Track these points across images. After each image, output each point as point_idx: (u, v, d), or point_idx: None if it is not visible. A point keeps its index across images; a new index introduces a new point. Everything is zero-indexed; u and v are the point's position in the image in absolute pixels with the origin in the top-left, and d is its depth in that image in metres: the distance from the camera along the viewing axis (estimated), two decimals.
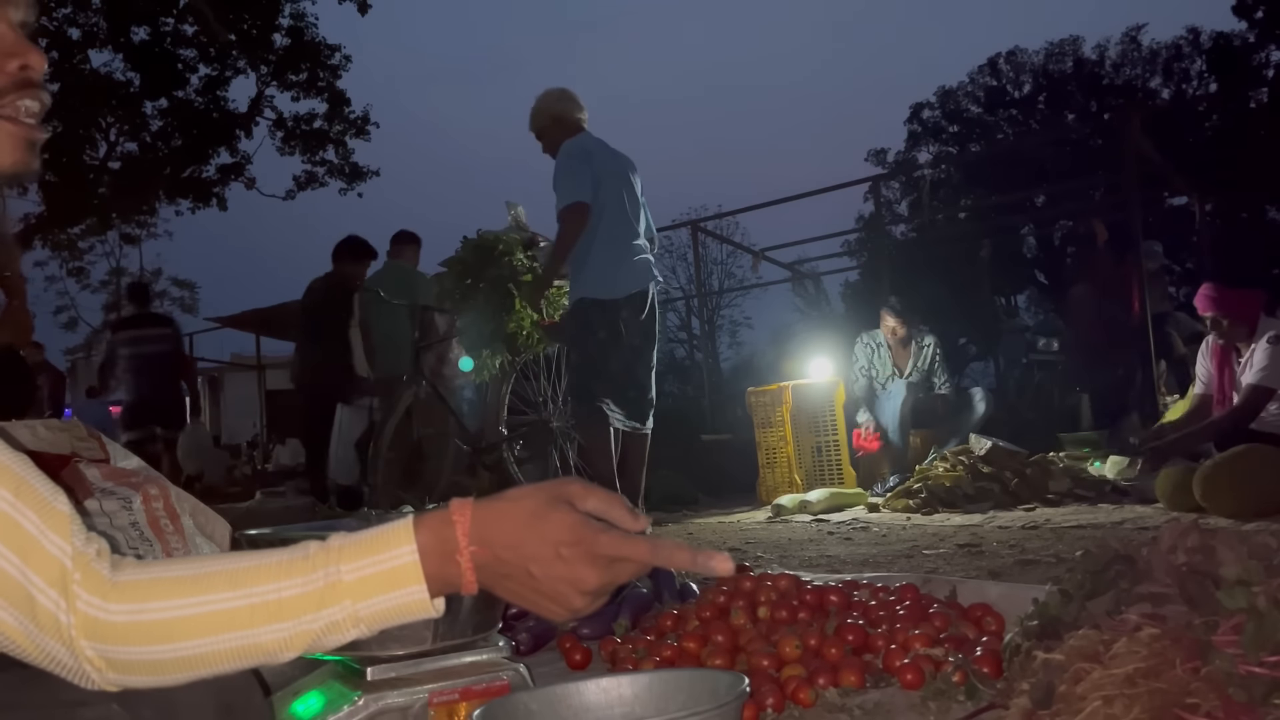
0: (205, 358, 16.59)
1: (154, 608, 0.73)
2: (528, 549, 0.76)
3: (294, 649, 0.76)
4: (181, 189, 14.76)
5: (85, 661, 0.73)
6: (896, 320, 5.94)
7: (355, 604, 0.76)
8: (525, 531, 0.76)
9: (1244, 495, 3.40)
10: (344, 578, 0.75)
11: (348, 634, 0.77)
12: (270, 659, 0.76)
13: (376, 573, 0.76)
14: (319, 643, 0.77)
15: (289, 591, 0.75)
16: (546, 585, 0.77)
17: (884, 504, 4.94)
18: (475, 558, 0.77)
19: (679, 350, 29.13)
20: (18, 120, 0.87)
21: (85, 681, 0.75)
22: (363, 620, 0.77)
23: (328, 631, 0.76)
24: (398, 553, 0.77)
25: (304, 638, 0.76)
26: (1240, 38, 20.84)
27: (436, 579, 0.77)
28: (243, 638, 0.74)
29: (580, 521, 0.77)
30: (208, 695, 0.84)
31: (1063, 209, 16.31)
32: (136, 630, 0.73)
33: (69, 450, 1.66)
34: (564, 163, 4.19)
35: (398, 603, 0.77)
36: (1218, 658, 1.02)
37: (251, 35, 14.06)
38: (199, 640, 0.74)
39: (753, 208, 16.22)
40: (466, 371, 5.19)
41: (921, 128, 25.21)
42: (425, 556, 0.77)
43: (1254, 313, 4.04)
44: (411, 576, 0.76)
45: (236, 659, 0.75)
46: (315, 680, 1.47)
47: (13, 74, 0.87)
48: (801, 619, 1.89)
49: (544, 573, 0.76)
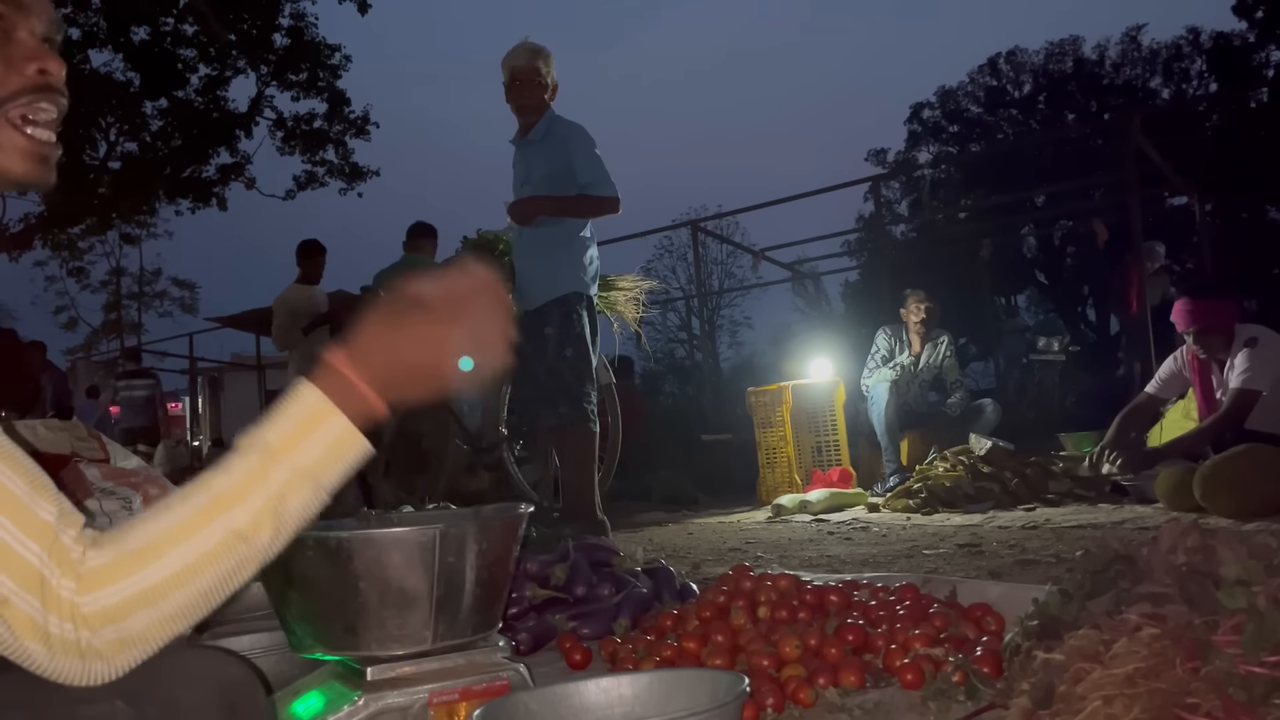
0: (205, 358, 16.60)
1: (134, 536, 0.77)
2: (397, 351, 0.86)
3: (265, 527, 0.79)
4: (181, 189, 14.76)
5: (82, 625, 0.74)
6: (923, 303, 5.86)
7: (293, 459, 0.81)
8: (389, 339, 0.86)
9: (1244, 495, 3.40)
10: (272, 442, 0.81)
11: (304, 492, 0.81)
12: (251, 548, 0.79)
13: (297, 425, 0.82)
14: (285, 513, 0.80)
15: (238, 473, 0.80)
16: (430, 366, 0.88)
17: (884, 504, 4.94)
18: (366, 380, 0.85)
19: (679, 350, 29.18)
20: (30, 133, 0.88)
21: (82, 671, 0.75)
22: (309, 472, 0.81)
23: (286, 495, 0.80)
24: (307, 401, 0.83)
25: (267, 510, 0.79)
26: (1240, 38, 20.83)
27: (351, 407, 0.84)
28: (216, 530, 0.78)
29: (425, 314, 0.87)
30: (210, 693, 0.84)
31: (1063, 209, 16.32)
32: (121, 564, 0.75)
33: (69, 450, 1.67)
34: (594, 151, 3.96)
35: (329, 440, 0.83)
36: (1218, 658, 1.02)
37: (251, 35, 14.06)
38: (179, 548, 0.76)
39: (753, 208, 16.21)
40: (466, 371, 5.19)
41: (921, 128, 25.20)
42: (332, 392, 0.84)
43: (1227, 323, 4.04)
44: (327, 412, 0.83)
45: (218, 559, 0.78)
46: (315, 680, 1.47)
47: (31, 77, 0.88)
48: (801, 619, 1.89)
49: (420, 360, 0.87)
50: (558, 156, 3.96)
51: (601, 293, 4.29)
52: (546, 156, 3.99)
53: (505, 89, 4.09)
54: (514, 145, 4.17)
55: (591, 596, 2.20)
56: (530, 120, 4.06)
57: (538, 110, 4.04)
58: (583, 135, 3.97)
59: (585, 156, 3.92)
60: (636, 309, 4.82)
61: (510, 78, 4.06)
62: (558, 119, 4.05)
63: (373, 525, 1.47)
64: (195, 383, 16.53)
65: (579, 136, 3.97)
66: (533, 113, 4.05)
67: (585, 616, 2.12)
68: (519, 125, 4.12)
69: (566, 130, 3.99)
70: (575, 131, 3.98)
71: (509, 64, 4.06)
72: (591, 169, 3.91)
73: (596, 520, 3.85)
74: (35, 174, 0.89)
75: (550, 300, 3.92)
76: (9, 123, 0.87)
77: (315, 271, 6.77)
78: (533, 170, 4.05)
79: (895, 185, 23.74)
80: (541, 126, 4.03)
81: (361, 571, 1.33)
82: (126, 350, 14.07)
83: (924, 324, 5.89)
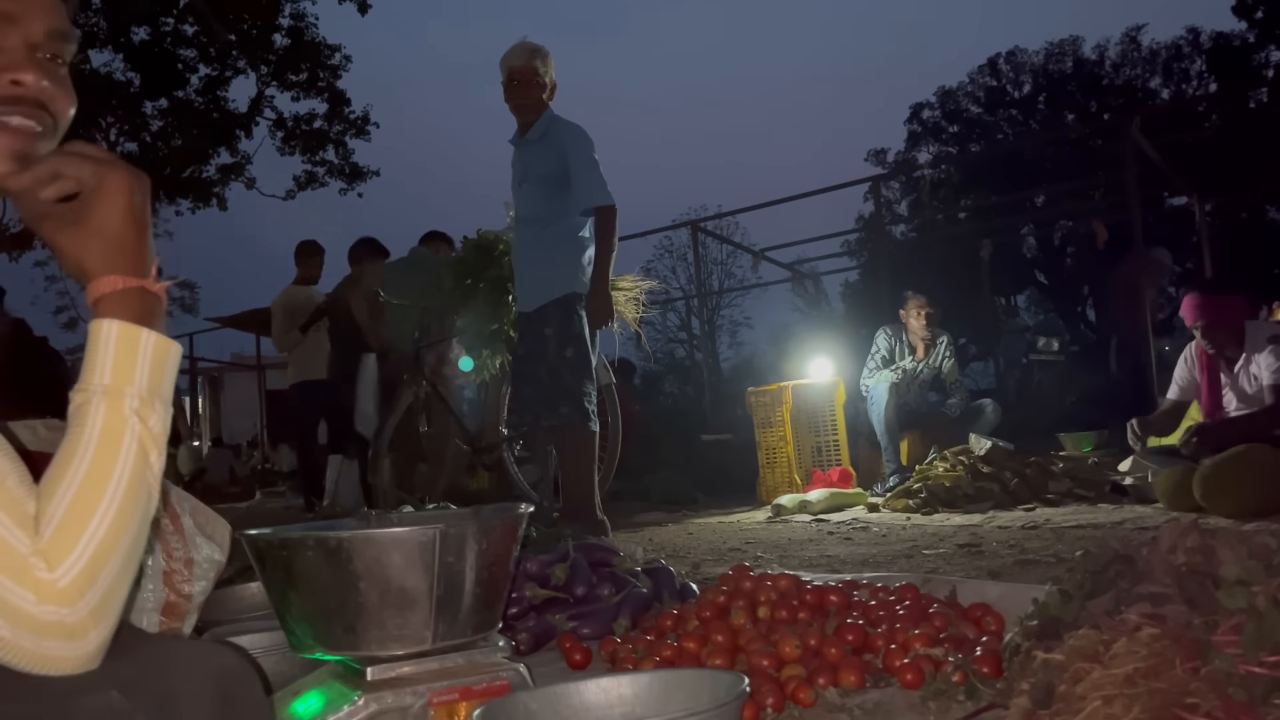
0: (205, 358, 16.58)
1: (52, 509, 0.78)
2: (109, 226, 0.86)
3: (151, 450, 0.83)
4: (181, 189, 14.76)
5: (62, 601, 0.75)
6: (924, 307, 5.85)
7: (132, 385, 0.83)
8: (91, 227, 0.86)
9: (1244, 495, 3.40)
10: (105, 382, 0.83)
11: (156, 408, 0.84)
12: (150, 474, 0.83)
13: (113, 358, 0.84)
14: (153, 431, 0.84)
15: (99, 421, 0.81)
16: (129, 205, 0.88)
17: (884, 504, 4.94)
18: (125, 273, 0.86)
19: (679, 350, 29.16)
20: (5, 128, 0.86)
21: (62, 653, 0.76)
22: (152, 391, 0.84)
23: (145, 417, 0.83)
24: (106, 334, 0.84)
25: (144, 438, 0.83)
26: (1240, 38, 20.82)
27: (145, 319, 0.86)
28: (119, 474, 0.80)
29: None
30: (206, 682, 0.85)
31: (1063, 209, 16.31)
32: (61, 536, 0.77)
33: None
34: (591, 155, 3.95)
35: (150, 356, 0.85)
36: (1217, 657, 1.02)
37: (251, 35, 14.06)
38: (102, 501, 0.79)
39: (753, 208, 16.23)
40: (466, 371, 5.18)
41: (921, 128, 25.18)
42: (122, 315, 0.85)
43: (1237, 319, 4.01)
44: (131, 333, 0.85)
45: (135, 493, 0.81)
46: (315, 680, 1.47)
47: (4, 87, 0.86)
48: (801, 619, 1.89)
49: (135, 228, 0.88)
50: (555, 158, 3.96)
51: None
52: (544, 157, 3.99)
53: (503, 89, 4.09)
54: (512, 145, 4.18)
55: (591, 596, 2.20)
56: (528, 120, 4.06)
57: (536, 110, 4.04)
58: (581, 138, 3.96)
59: (582, 162, 3.91)
60: (636, 309, 4.82)
61: (508, 77, 4.06)
62: (556, 119, 4.04)
63: (373, 525, 1.47)
64: (195, 383, 16.53)
65: (577, 139, 3.95)
66: (531, 112, 4.04)
67: (585, 616, 2.12)
68: (517, 125, 4.12)
69: (565, 131, 3.98)
70: (573, 133, 3.97)
71: (507, 64, 4.06)
72: (588, 176, 3.90)
73: (596, 520, 3.85)
74: (9, 173, 0.87)
75: (550, 301, 3.92)
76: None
77: (313, 272, 6.79)
78: (530, 170, 4.05)
79: (895, 185, 23.73)
80: (539, 126, 4.03)
81: (361, 571, 1.33)
82: None
83: (926, 328, 5.89)
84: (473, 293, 4.95)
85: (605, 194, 3.89)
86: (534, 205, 4.03)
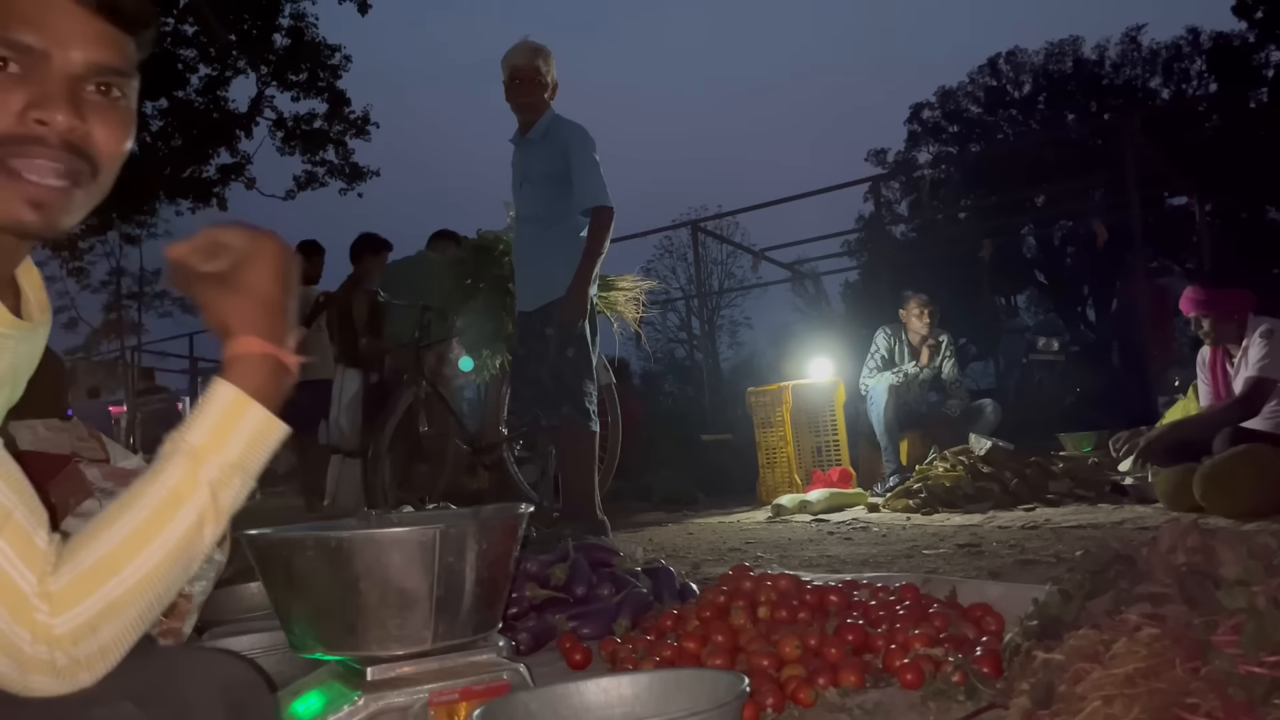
0: (205, 358, 16.57)
1: (84, 557, 0.78)
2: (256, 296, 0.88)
3: (208, 523, 0.83)
4: (181, 189, 14.77)
5: (55, 645, 0.76)
6: (926, 306, 5.85)
7: (219, 455, 0.83)
8: (244, 293, 0.88)
9: (1244, 495, 3.40)
10: (195, 443, 0.83)
11: (234, 484, 0.85)
12: (197, 544, 0.82)
13: (215, 422, 0.84)
14: (221, 507, 0.83)
15: (172, 480, 0.82)
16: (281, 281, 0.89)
17: (884, 504, 4.94)
18: (265, 341, 0.87)
19: (679, 350, 29.16)
20: (21, 176, 0.81)
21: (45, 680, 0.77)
22: (236, 465, 0.84)
23: (218, 491, 0.83)
24: (223, 398, 0.85)
25: (207, 509, 0.82)
26: (1240, 38, 20.81)
27: (266, 391, 0.87)
28: (166, 538, 0.80)
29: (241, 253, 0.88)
30: (218, 694, 0.86)
31: (1063, 209, 16.31)
32: (80, 583, 0.77)
33: (69, 450, 1.67)
34: (592, 155, 3.93)
35: (250, 432, 0.85)
36: (1218, 658, 1.02)
37: (251, 35, 14.07)
38: (135, 562, 0.79)
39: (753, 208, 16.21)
40: (466, 371, 5.18)
41: (921, 128, 25.17)
42: (243, 383, 0.86)
43: (1241, 311, 4.00)
44: (243, 404, 0.85)
45: (173, 563, 0.81)
46: (315, 680, 1.47)
47: (27, 126, 0.81)
48: (801, 619, 1.89)
49: (280, 295, 0.89)
50: (556, 157, 3.95)
51: (601, 293, 4.28)
52: (545, 156, 3.98)
53: (505, 88, 4.09)
54: (513, 144, 4.17)
55: (591, 596, 2.20)
56: (530, 119, 4.05)
57: (537, 109, 4.03)
58: (583, 138, 3.96)
59: (583, 163, 3.90)
60: (636, 309, 4.82)
61: (510, 76, 4.06)
62: (558, 119, 4.04)
63: (373, 525, 1.47)
64: (195, 383, 16.53)
65: (578, 139, 3.95)
66: (532, 111, 4.04)
67: (585, 616, 2.12)
68: (519, 124, 4.11)
69: (566, 131, 3.97)
70: (575, 134, 3.96)
71: (509, 63, 4.06)
72: (587, 177, 3.89)
73: (596, 520, 3.85)
74: (31, 221, 0.83)
75: (551, 301, 3.92)
76: (2, 165, 0.81)
77: (314, 272, 6.78)
78: (531, 169, 4.04)
79: (895, 185, 23.72)
80: (541, 125, 4.02)
81: (361, 571, 1.33)
82: (143, 371, 15.32)
83: (928, 327, 5.88)
84: (473, 293, 4.95)
85: (603, 195, 3.88)
86: (535, 205, 4.03)
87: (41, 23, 0.82)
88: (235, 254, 0.88)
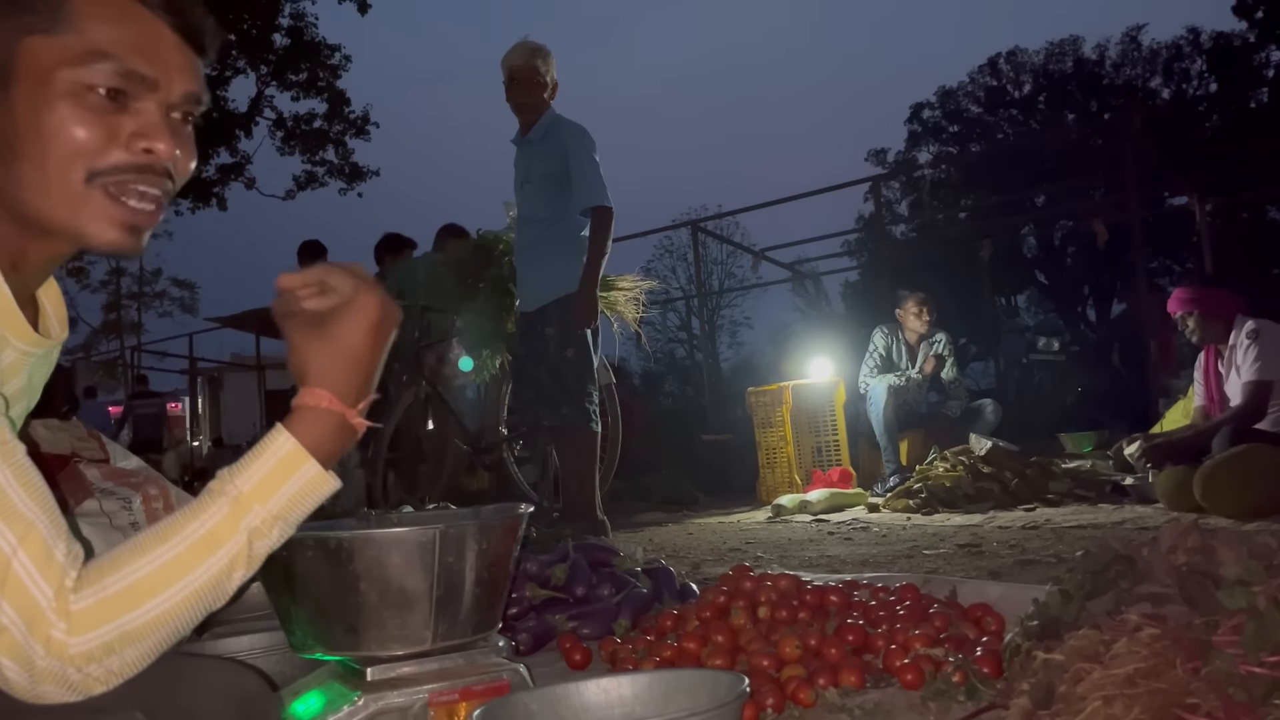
0: (205, 358, 16.59)
1: (110, 582, 0.78)
2: (347, 355, 0.88)
3: (239, 568, 0.83)
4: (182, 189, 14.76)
5: (69, 663, 0.76)
6: (924, 304, 5.85)
7: (266, 507, 0.84)
8: (338, 349, 0.87)
9: (1244, 495, 3.40)
10: (243, 489, 0.83)
11: (273, 533, 0.85)
12: (223, 586, 0.83)
13: (269, 472, 0.84)
14: (255, 553, 0.84)
15: (212, 521, 0.82)
16: (374, 344, 0.90)
17: (884, 504, 4.93)
18: (340, 399, 0.87)
19: (679, 350, 29.17)
20: (125, 202, 0.85)
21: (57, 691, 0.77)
22: (279, 516, 0.84)
23: (255, 538, 0.83)
24: (281, 449, 0.85)
25: (240, 555, 0.83)
26: (1240, 38, 20.82)
27: (325, 449, 0.87)
28: (195, 578, 0.81)
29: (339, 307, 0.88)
30: (227, 704, 0.87)
31: (1063, 209, 16.32)
32: (101, 609, 0.77)
33: (69, 450, 1.67)
34: (592, 155, 3.93)
35: (300, 486, 0.85)
36: (1218, 658, 1.02)
37: (251, 35, 14.06)
38: (159, 596, 0.79)
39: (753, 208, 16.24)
40: (466, 371, 5.18)
41: (921, 128, 25.18)
42: (304, 437, 0.86)
43: (1228, 310, 4.01)
44: (299, 459, 0.85)
45: (196, 601, 0.81)
46: (315, 680, 1.47)
47: (133, 155, 0.84)
48: (801, 619, 1.89)
49: (368, 353, 0.89)
50: (557, 157, 3.95)
51: (601, 293, 4.27)
52: (546, 156, 3.99)
53: (505, 88, 4.09)
54: (514, 144, 4.18)
55: (591, 596, 2.20)
56: (530, 119, 4.05)
57: (537, 109, 4.03)
58: (582, 138, 3.96)
59: (582, 163, 3.90)
60: (636, 309, 4.82)
61: (509, 77, 4.06)
62: (558, 119, 4.04)
63: (373, 525, 1.47)
64: (195, 383, 16.53)
65: (578, 139, 3.95)
66: (532, 112, 4.04)
67: (585, 616, 2.12)
68: (519, 124, 4.11)
69: (566, 131, 3.98)
70: (575, 133, 3.96)
71: (508, 63, 4.06)
72: (587, 177, 3.89)
73: (596, 520, 3.84)
74: (122, 243, 0.86)
75: (551, 300, 3.92)
76: (104, 190, 0.84)
77: None
78: (533, 169, 4.04)
79: (895, 185, 23.73)
80: (541, 125, 4.03)
81: (361, 571, 1.32)
82: (138, 377, 15.67)
83: (921, 328, 5.88)
84: (473, 293, 4.95)
85: (602, 195, 3.88)
86: (536, 205, 4.03)
87: (152, 52, 0.84)
88: (338, 299, 0.88)
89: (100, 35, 0.82)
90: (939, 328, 5.99)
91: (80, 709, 0.78)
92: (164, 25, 0.85)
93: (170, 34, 0.86)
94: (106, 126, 0.82)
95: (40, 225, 0.84)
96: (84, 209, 0.83)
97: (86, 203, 0.83)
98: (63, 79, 0.81)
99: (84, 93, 0.81)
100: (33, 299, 0.92)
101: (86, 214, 0.83)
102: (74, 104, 0.81)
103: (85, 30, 0.81)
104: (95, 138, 0.82)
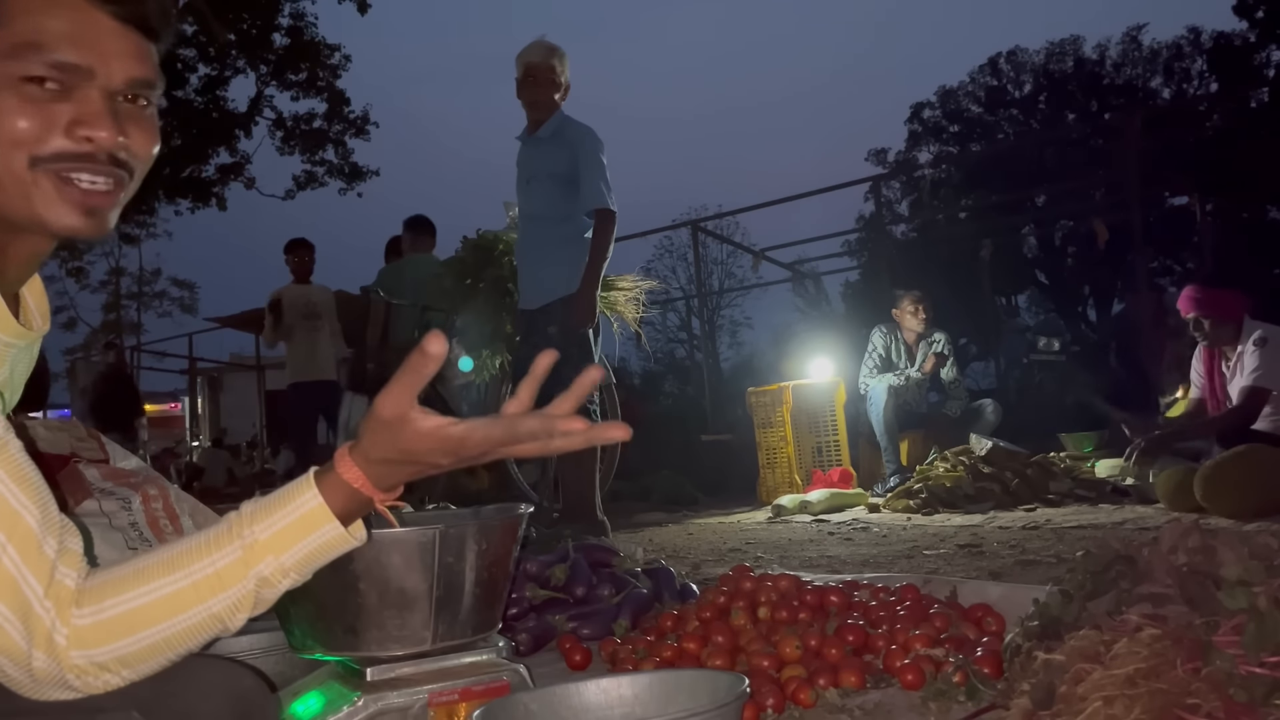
0: (205, 358, 16.58)
1: (109, 605, 0.79)
2: (408, 451, 0.87)
3: (242, 611, 0.83)
4: (181, 189, 14.77)
5: (67, 669, 0.78)
6: (920, 302, 5.85)
7: (278, 557, 0.84)
8: (395, 446, 0.86)
9: (1244, 495, 3.40)
10: (259, 537, 0.83)
11: (280, 584, 0.85)
12: (224, 625, 0.83)
13: (286, 525, 0.84)
14: (260, 598, 0.84)
15: (222, 562, 0.82)
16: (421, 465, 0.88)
17: (884, 504, 4.93)
18: (371, 483, 0.87)
19: (679, 350, 29.17)
20: (72, 182, 0.84)
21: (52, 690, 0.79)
22: (290, 569, 0.85)
23: (262, 586, 0.84)
24: (302, 501, 0.85)
25: (246, 599, 0.83)
26: (1240, 38, 20.82)
27: (349, 515, 0.87)
28: (196, 614, 0.81)
29: (429, 429, 0.88)
30: (224, 704, 0.87)
31: (1063, 209, 16.32)
32: (99, 630, 0.78)
33: (68, 450, 1.66)
34: (600, 158, 3.94)
35: (319, 543, 0.86)
36: (1218, 658, 1.02)
37: (251, 35, 14.07)
38: (158, 626, 0.80)
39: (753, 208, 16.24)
40: (466, 371, 5.18)
41: (922, 128, 25.19)
42: (332, 500, 0.85)
43: (1237, 314, 4.02)
44: (322, 518, 0.85)
45: (195, 634, 0.82)
46: (315, 680, 1.47)
47: (78, 142, 0.83)
48: (802, 619, 1.89)
49: (415, 459, 0.88)
50: (564, 158, 3.96)
51: (602, 293, 4.28)
52: (553, 156, 3.99)
53: (518, 84, 4.08)
54: (520, 141, 4.17)
55: (591, 597, 2.19)
56: (540, 117, 4.05)
57: (548, 108, 4.04)
58: (592, 140, 3.97)
59: (590, 164, 3.91)
60: (636, 309, 4.82)
61: (524, 73, 4.06)
62: (568, 120, 4.05)
63: (372, 525, 1.46)
64: (195, 383, 16.52)
65: (588, 141, 3.96)
66: (543, 110, 4.04)
67: (585, 617, 2.12)
68: (528, 121, 4.11)
69: (575, 132, 3.98)
70: (584, 135, 3.97)
71: (524, 59, 4.06)
72: (593, 179, 3.90)
73: (596, 520, 3.84)
74: (81, 227, 0.85)
75: (553, 299, 3.92)
76: (53, 175, 0.83)
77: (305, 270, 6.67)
78: (538, 168, 4.05)
79: (895, 185, 23.73)
80: (551, 124, 4.03)
81: (361, 572, 1.32)
82: (107, 343, 15.08)
83: (919, 327, 5.88)
84: (473, 293, 4.95)
85: (606, 198, 3.89)
86: (541, 203, 4.03)
87: (84, 40, 0.83)
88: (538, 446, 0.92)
89: (30, 27, 0.82)
90: (937, 327, 5.99)
91: (77, 708, 0.79)
92: (101, 13, 0.84)
93: (108, 20, 0.85)
94: (45, 115, 0.82)
95: (2, 219, 0.85)
96: (35, 195, 0.83)
97: (36, 188, 0.83)
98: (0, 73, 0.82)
99: (20, 84, 0.82)
100: (15, 293, 0.92)
101: (39, 200, 0.83)
102: (11, 95, 0.82)
103: (14, 23, 0.82)
104: (34, 126, 0.82)
